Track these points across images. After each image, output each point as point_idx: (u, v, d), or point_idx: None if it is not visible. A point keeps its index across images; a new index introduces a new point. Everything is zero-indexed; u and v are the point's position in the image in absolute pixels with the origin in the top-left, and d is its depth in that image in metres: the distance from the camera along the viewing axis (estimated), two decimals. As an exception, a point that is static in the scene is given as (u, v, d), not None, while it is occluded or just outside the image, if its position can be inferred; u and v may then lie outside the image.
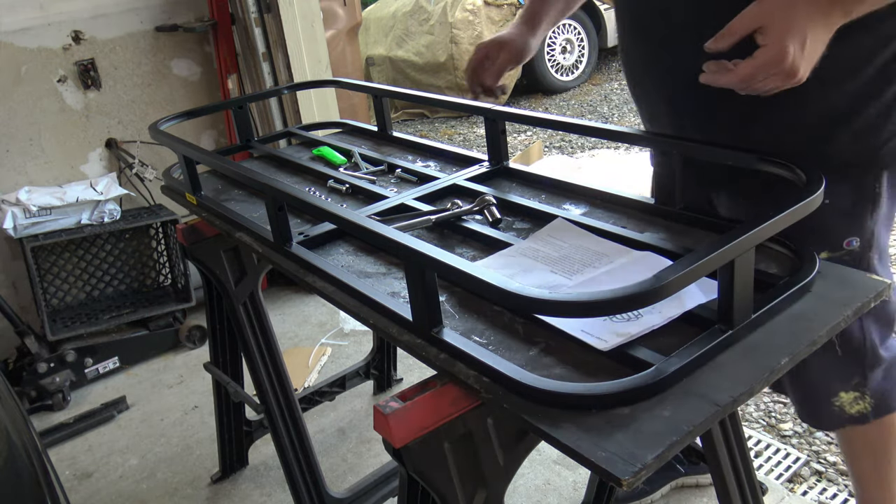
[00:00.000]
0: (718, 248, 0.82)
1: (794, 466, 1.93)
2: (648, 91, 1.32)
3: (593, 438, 0.77)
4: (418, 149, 1.75)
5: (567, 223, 1.21)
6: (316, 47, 2.95)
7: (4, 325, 2.63)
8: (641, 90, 1.34)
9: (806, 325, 0.91)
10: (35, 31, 2.69)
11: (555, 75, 6.29)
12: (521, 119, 1.50)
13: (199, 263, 1.71)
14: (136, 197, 2.98)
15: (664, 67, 1.23)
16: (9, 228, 2.57)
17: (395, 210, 1.36)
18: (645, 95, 1.33)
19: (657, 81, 1.27)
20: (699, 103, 1.19)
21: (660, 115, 1.31)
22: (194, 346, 2.90)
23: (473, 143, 5.37)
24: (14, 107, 2.72)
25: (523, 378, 0.84)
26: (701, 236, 1.15)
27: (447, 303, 1.06)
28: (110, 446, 2.37)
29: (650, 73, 1.28)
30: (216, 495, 2.11)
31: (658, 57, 1.24)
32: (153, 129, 1.62)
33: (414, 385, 0.93)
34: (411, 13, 6.26)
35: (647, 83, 1.31)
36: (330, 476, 2.04)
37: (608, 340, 0.90)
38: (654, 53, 1.25)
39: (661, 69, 1.25)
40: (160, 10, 2.91)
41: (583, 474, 1.95)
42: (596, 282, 1.04)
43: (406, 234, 0.98)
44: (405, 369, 2.51)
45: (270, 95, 2.79)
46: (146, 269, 3.01)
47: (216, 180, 1.74)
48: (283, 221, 1.25)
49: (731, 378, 0.83)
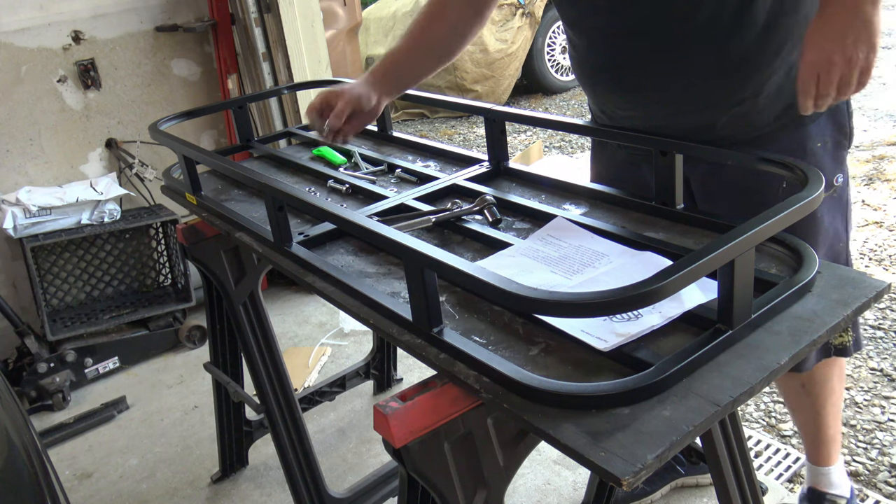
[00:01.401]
0: (718, 248, 0.82)
1: (794, 466, 1.93)
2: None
3: (593, 438, 0.77)
4: (418, 149, 1.75)
5: (567, 223, 1.21)
6: (316, 47, 2.95)
7: (4, 325, 2.63)
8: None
9: (806, 325, 0.91)
10: (35, 31, 2.69)
11: (555, 75, 6.29)
12: (521, 119, 1.50)
13: (199, 263, 1.71)
14: (136, 197, 2.98)
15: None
16: (9, 228, 2.57)
17: (395, 210, 1.36)
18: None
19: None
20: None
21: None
22: (194, 346, 2.90)
23: (473, 143, 5.37)
24: (14, 107, 2.72)
25: (523, 378, 0.84)
26: (701, 236, 1.15)
27: (447, 303, 1.06)
28: (110, 446, 2.37)
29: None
30: (216, 495, 2.11)
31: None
32: (153, 129, 1.62)
33: (414, 385, 0.93)
34: (411, 13, 6.26)
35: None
36: (330, 476, 2.04)
37: (608, 340, 0.90)
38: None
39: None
40: (160, 10, 2.91)
41: (583, 474, 1.95)
42: (596, 282, 1.04)
43: (406, 234, 0.98)
44: (405, 369, 2.51)
45: (270, 95, 2.79)
46: (146, 269, 3.01)
47: (216, 180, 1.74)
48: (283, 221, 1.25)
49: (731, 378, 0.83)
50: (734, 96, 1.23)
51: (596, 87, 1.38)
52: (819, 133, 1.27)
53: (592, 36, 1.31)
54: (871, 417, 2.09)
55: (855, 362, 2.33)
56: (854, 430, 2.05)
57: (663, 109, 1.27)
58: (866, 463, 1.93)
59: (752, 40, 1.18)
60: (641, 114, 1.31)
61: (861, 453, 1.96)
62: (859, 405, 2.15)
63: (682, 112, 1.26)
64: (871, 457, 1.95)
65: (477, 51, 5.87)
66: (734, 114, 1.24)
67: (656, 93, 1.27)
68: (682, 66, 1.22)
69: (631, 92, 1.30)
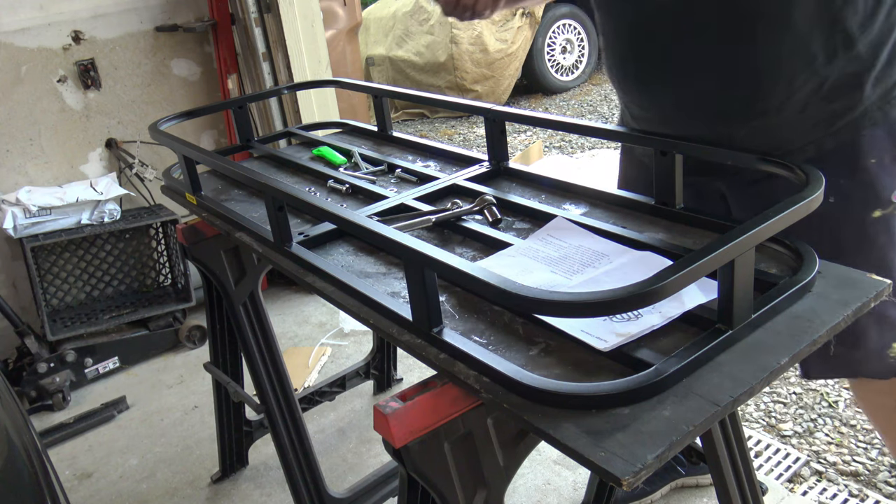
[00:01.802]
0: (718, 248, 0.82)
1: (794, 466, 1.93)
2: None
3: (593, 438, 0.77)
4: (418, 149, 1.75)
5: (567, 223, 1.21)
6: (316, 47, 2.95)
7: (4, 325, 2.63)
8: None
9: (806, 325, 0.91)
10: (35, 31, 2.70)
11: (555, 75, 6.29)
12: (521, 119, 1.50)
13: (199, 263, 1.71)
14: (136, 197, 2.98)
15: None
16: (9, 228, 2.57)
17: (395, 210, 1.36)
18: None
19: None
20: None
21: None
22: (194, 346, 2.90)
23: (473, 143, 5.37)
24: (14, 107, 2.72)
25: (523, 378, 0.84)
26: (701, 236, 1.15)
27: (447, 303, 1.06)
28: (110, 446, 2.37)
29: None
30: (216, 495, 2.11)
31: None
32: (153, 129, 1.62)
33: (414, 385, 0.93)
34: (411, 13, 6.26)
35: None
36: (330, 476, 2.04)
37: (608, 340, 0.90)
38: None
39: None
40: (160, 10, 2.91)
41: (583, 474, 1.95)
42: (596, 282, 1.04)
43: (406, 234, 0.98)
44: (405, 369, 2.51)
45: (270, 95, 2.79)
46: (146, 269, 3.01)
47: (216, 180, 1.74)
48: (283, 221, 1.25)
49: (731, 378, 0.83)
50: (756, 106, 1.17)
51: (624, 83, 1.34)
52: (873, 148, 1.19)
53: (622, 23, 1.27)
54: (871, 417, 2.09)
55: (855, 362, 2.33)
56: (854, 430, 2.05)
57: (678, 114, 1.24)
58: (866, 463, 1.93)
59: (788, 44, 1.11)
60: (656, 115, 1.28)
61: (861, 453, 1.97)
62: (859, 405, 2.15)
63: (696, 118, 1.22)
64: (871, 457, 1.95)
65: (477, 51, 5.87)
66: (754, 127, 1.19)
67: (675, 90, 1.22)
68: (702, 66, 1.18)
69: (647, 85, 1.26)
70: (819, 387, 2.25)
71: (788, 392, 2.24)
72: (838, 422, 2.09)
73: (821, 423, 2.10)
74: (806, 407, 2.17)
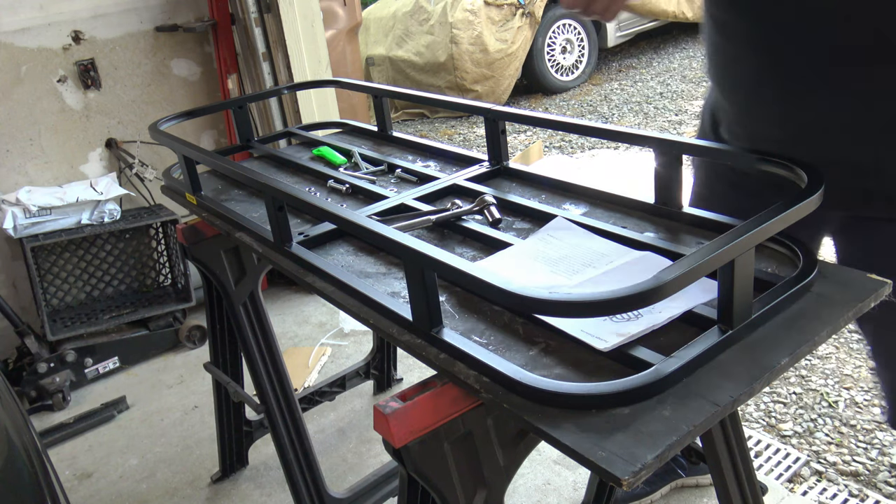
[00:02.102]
0: (718, 248, 0.82)
1: (794, 466, 1.93)
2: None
3: (593, 438, 0.77)
4: (418, 149, 1.75)
5: (567, 223, 1.21)
6: (316, 47, 2.95)
7: (4, 325, 2.63)
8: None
9: (806, 325, 0.91)
10: (35, 31, 2.70)
11: (555, 75, 6.29)
12: (521, 119, 1.50)
13: (199, 263, 1.71)
14: (136, 197, 2.98)
15: None
16: (9, 228, 2.57)
17: (395, 210, 1.36)
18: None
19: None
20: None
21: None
22: (194, 346, 2.90)
23: (473, 143, 5.37)
24: (14, 107, 2.72)
25: (523, 378, 0.84)
26: (701, 236, 1.15)
27: (447, 303, 1.06)
28: (110, 446, 2.37)
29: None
30: (216, 495, 2.11)
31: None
32: (153, 129, 1.62)
33: (414, 385, 0.93)
34: (411, 13, 6.26)
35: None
36: (330, 476, 2.04)
37: (608, 340, 0.90)
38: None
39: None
40: (160, 10, 2.91)
41: (583, 474, 1.95)
42: (596, 282, 1.04)
43: (406, 234, 0.98)
44: (405, 369, 2.51)
45: (270, 95, 2.79)
46: (146, 269, 3.01)
47: (216, 180, 1.74)
48: (283, 221, 1.25)
49: (731, 378, 0.83)
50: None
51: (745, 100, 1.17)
52: None
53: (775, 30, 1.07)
54: (871, 417, 2.09)
55: (855, 362, 2.33)
56: (854, 430, 2.05)
57: (823, 135, 1.09)
58: (866, 463, 1.93)
59: None
60: (790, 134, 1.11)
61: (861, 453, 1.97)
62: (859, 405, 2.15)
63: (843, 140, 1.07)
64: (871, 457, 1.95)
65: (477, 51, 5.87)
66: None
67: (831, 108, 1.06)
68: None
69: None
70: (819, 387, 2.25)
71: (788, 392, 2.24)
72: (838, 422, 2.09)
73: (821, 423, 2.10)
74: (806, 407, 2.17)
